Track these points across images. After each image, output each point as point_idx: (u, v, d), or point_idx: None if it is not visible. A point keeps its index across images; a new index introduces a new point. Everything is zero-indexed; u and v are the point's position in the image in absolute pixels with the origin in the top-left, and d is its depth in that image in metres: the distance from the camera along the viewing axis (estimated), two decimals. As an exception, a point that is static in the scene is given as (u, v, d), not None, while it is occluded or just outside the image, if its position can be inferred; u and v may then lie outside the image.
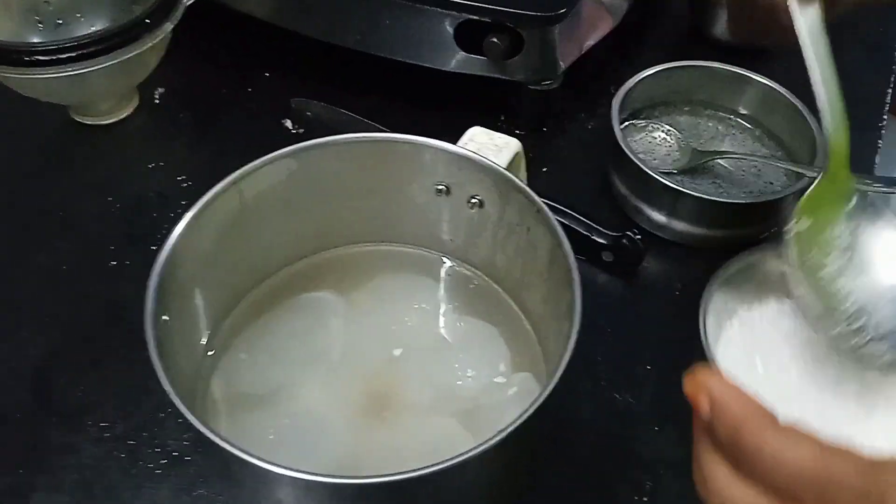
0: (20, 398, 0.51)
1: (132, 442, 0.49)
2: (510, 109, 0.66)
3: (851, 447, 0.29)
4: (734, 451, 0.30)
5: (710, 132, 0.65)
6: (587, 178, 0.64)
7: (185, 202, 0.43)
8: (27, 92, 0.62)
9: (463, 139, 0.48)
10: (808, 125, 0.59)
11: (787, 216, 0.43)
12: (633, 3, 0.70)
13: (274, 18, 0.67)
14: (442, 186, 0.48)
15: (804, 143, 0.60)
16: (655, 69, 0.63)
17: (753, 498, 0.30)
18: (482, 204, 0.47)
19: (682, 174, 0.61)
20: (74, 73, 0.58)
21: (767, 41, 0.70)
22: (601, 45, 0.67)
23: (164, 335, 0.38)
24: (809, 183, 0.46)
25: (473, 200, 0.47)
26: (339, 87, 0.68)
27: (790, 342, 0.46)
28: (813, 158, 0.58)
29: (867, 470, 0.28)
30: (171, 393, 0.34)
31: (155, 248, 0.41)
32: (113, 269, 0.57)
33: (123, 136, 0.67)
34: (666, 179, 0.57)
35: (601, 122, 0.66)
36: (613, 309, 0.56)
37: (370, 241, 0.52)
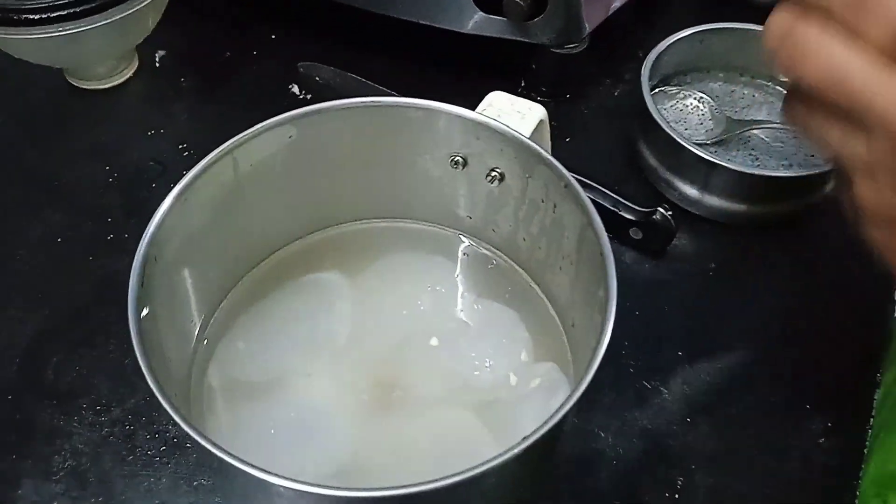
0: (9, 378, 0.50)
1: (129, 427, 0.48)
2: (530, 74, 0.65)
3: None
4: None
5: (746, 100, 0.63)
6: (613, 148, 0.63)
7: (186, 171, 0.42)
8: (17, 53, 0.61)
9: (482, 105, 0.47)
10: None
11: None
12: (663, -39, 0.69)
13: (281, -24, 0.67)
14: (458, 157, 0.46)
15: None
16: (687, 32, 0.61)
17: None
18: (503, 177, 0.46)
19: (715, 145, 0.60)
20: (66, 32, 0.57)
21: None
22: (628, 6, 0.65)
23: (149, 323, 0.36)
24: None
25: (493, 173, 0.46)
26: (349, 50, 0.67)
27: None
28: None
29: None
30: (153, 384, 0.33)
31: (155, 220, 0.40)
32: (110, 241, 0.57)
33: (122, 100, 0.66)
34: (699, 150, 0.55)
35: (628, 88, 0.65)
36: (641, 290, 0.55)
37: (379, 217, 0.51)
